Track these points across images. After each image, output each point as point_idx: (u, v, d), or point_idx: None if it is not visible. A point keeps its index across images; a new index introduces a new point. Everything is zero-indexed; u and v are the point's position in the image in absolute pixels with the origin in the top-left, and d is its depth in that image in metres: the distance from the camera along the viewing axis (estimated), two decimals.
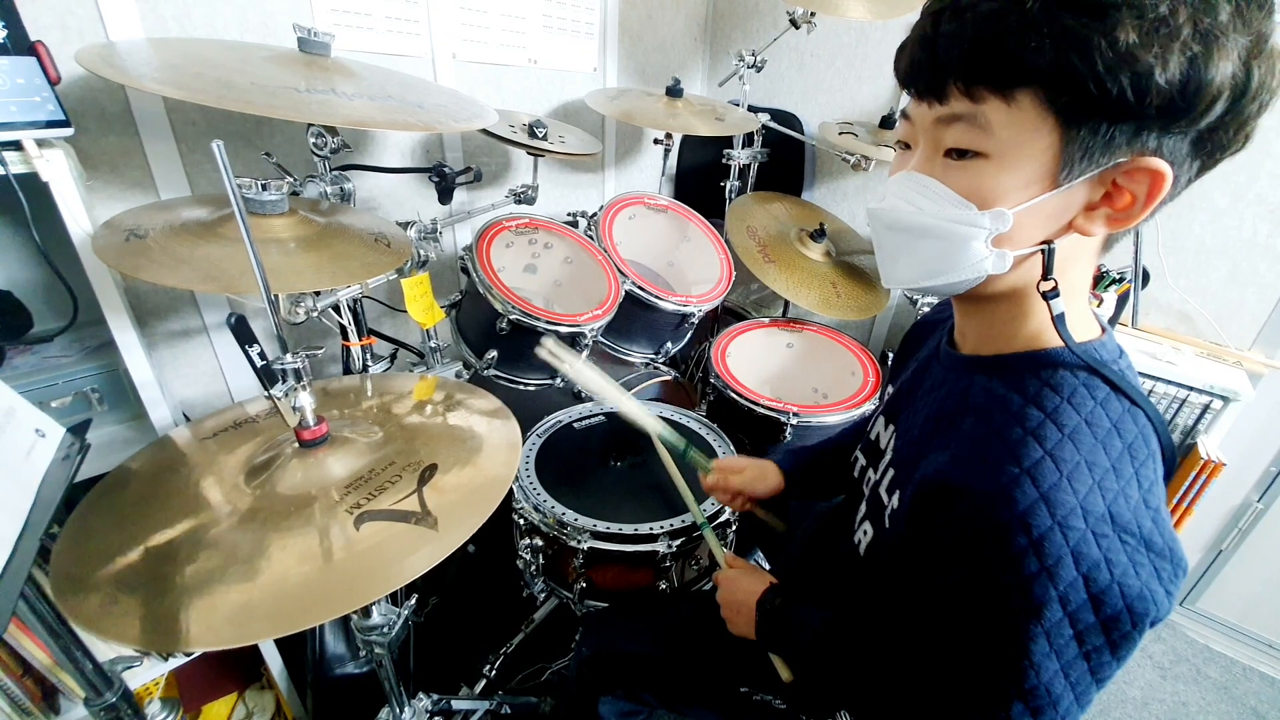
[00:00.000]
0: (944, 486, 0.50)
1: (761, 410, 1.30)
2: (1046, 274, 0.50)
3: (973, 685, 0.50)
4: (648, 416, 0.99)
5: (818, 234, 1.62)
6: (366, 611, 0.83)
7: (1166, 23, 0.39)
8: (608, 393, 0.99)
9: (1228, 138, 0.44)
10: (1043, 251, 0.49)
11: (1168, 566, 0.45)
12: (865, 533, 0.65)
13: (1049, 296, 0.50)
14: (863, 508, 0.67)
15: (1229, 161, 0.47)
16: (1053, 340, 0.52)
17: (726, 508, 1.03)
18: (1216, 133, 0.43)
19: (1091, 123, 0.43)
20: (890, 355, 1.66)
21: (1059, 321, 0.50)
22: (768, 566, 1.21)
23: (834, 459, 0.91)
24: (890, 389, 0.76)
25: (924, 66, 0.49)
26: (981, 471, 0.47)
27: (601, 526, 0.98)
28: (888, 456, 0.65)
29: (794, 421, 1.28)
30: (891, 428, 0.68)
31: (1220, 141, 0.44)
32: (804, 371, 1.64)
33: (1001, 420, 0.50)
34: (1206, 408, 1.34)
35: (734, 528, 1.08)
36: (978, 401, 0.54)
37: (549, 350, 1.03)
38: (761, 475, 0.93)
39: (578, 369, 1.00)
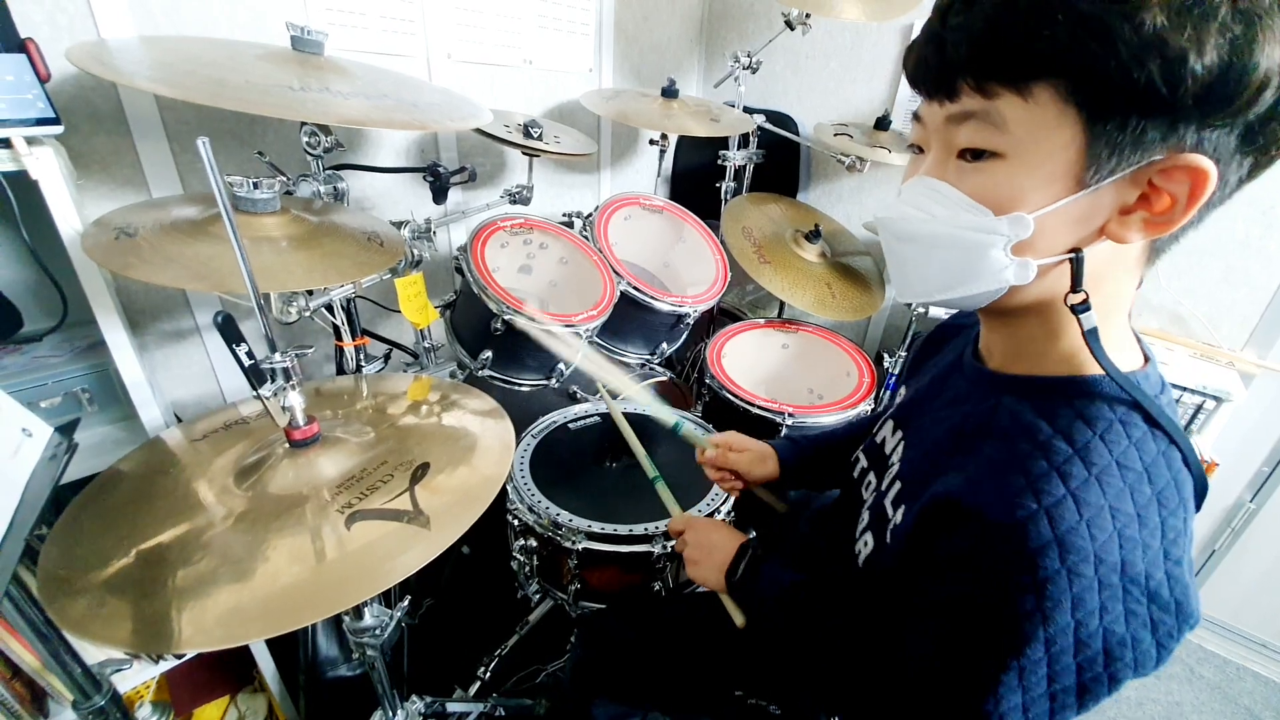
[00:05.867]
0: (954, 507, 0.48)
1: (757, 411, 1.30)
2: (1075, 285, 0.46)
3: (929, 696, 0.50)
4: (640, 391, 0.95)
5: (813, 235, 1.62)
6: (359, 613, 0.83)
7: (1200, 1, 0.36)
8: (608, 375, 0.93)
9: None
10: (1071, 260, 0.45)
11: (1169, 620, 0.43)
12: (866, 544, 0.64)
13: (1078, 310, 0.46)
14: (865, 517, 0.65)
15: None
16: (1090, 365, 0.48)
17: (723, 498, 1.03)
18: (1270, 125, 0.39)
19: (1119, 117, 0.39)
20: (885, 356, 1.66)
21: (1090, 337, 0.46)
22: None
23: (834, 454, 0.89)
24: (903, 391, 0.74)
25: (933, 64, 0.46)
26: (997, 500, 0.45)
27: (596, 527, 0.98)
28: (895, 468, 0.63)
29: (789, 422, 1.28)
30: (900, 435, 0.66)
31: (1275, 135, 0.40)
32: (799, 372, 1.64)
33: (1026, 449, 0.46)
34: (1200, 408, 1.34)
35: (731, 517, 1.08)
36: (1003, 425, 0.50)
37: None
38: (761, 459, 0.91)
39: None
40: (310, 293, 0.95)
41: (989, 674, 0.45)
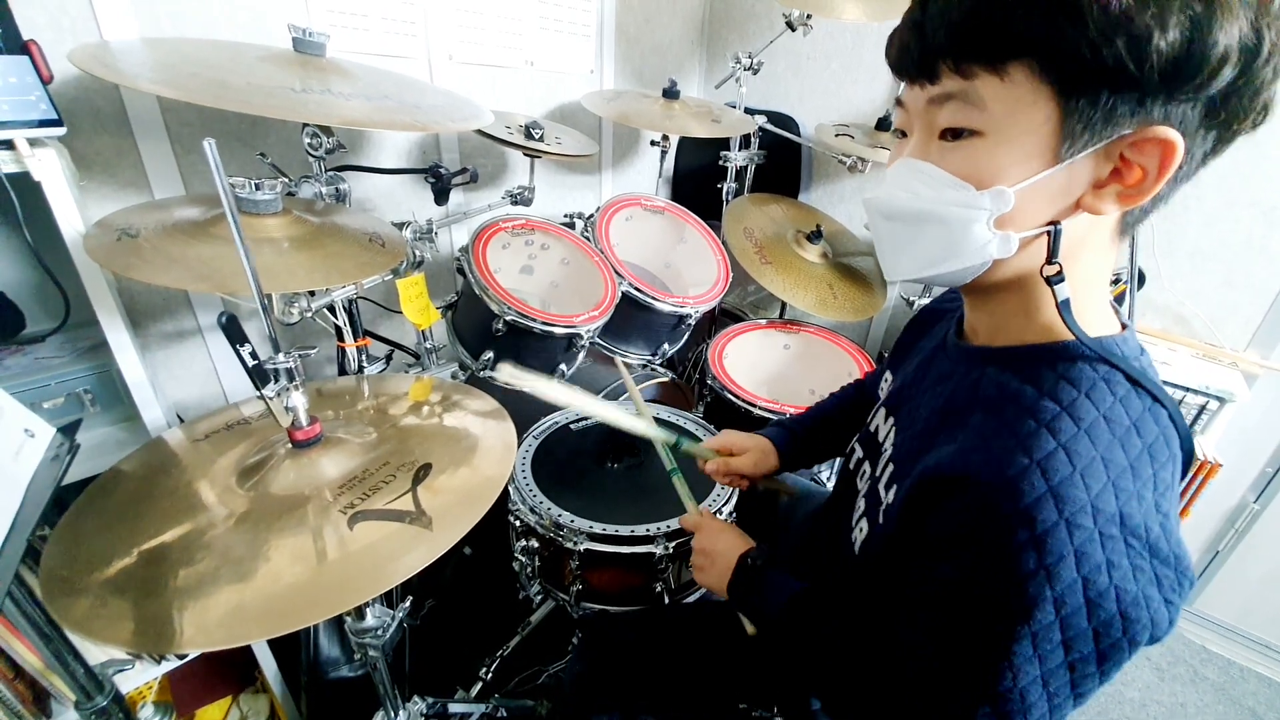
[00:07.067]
0: (943, 478, 0.48)
1: (759, 411, 1.30)
2: (1051, 257, 0.47)
3: (941, 679, 0.48)
4: (635, 420, 0.92)
5: (814, 235, 1.62)
6: (361, 613, 0.83)
7: None
8: (585, 405, 0.88)
9: (1243, 105, 0.42)
10: (1049, 233, 0.47)
11: (1170, 574, 0.43)
12: (861, 530, 0.64)
13: (1053, 281, 0.47)
14: (860, 504, 0.66)
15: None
16: (1068, 333, 0.49)
17: (726, 496, 1.03)
18: (1230, 100, 0.41)
19: (1090, 93, 0.41)
20: (887, 357, 1.65)
21: (1064, 308, 0.48)
22: None
23: (826, 427, 0.92)
24: (889, 377, 0.74)
25: (914, 48, 0.48)
26: (987, 462, 0.45)
27: (598, 528, 0.98)
28: (887, 452, 0.63)
29: None
30: (892, 421, 0.66)
31: (1235, 110, 0.42)
32: (801, 373, 1.64)
33: (1013, 413, 0.47)
34: (1203, 409, 1.34)
35: (733, 518, 1.08)
36: (988, 394, 0.51)
37: (508, 374, 0.87)
38: (763, 456, 0.91)
39: (541, 387, 0.85)
40: (312, 293, 0.96)
41: (1001, 648, 0.43)
